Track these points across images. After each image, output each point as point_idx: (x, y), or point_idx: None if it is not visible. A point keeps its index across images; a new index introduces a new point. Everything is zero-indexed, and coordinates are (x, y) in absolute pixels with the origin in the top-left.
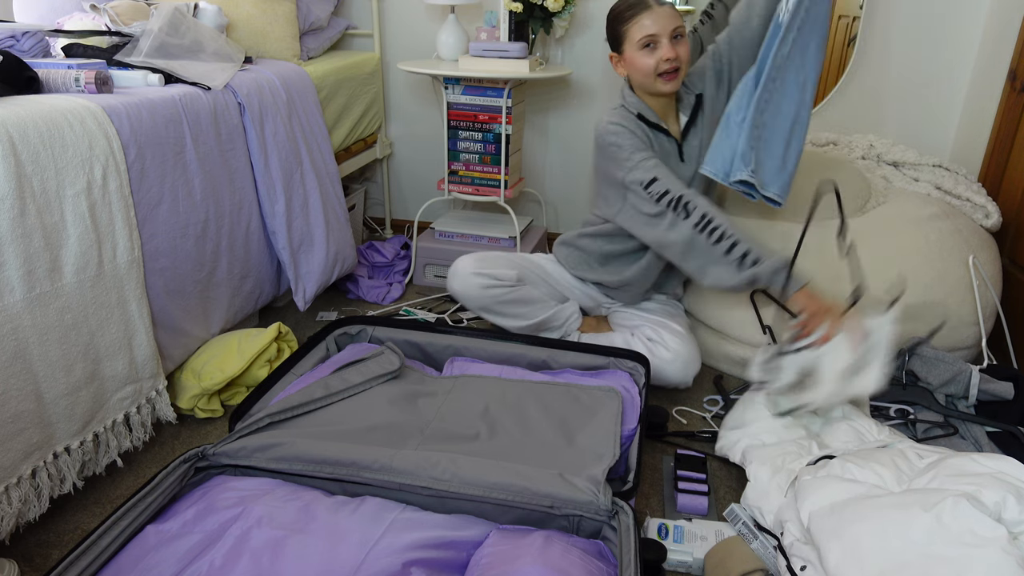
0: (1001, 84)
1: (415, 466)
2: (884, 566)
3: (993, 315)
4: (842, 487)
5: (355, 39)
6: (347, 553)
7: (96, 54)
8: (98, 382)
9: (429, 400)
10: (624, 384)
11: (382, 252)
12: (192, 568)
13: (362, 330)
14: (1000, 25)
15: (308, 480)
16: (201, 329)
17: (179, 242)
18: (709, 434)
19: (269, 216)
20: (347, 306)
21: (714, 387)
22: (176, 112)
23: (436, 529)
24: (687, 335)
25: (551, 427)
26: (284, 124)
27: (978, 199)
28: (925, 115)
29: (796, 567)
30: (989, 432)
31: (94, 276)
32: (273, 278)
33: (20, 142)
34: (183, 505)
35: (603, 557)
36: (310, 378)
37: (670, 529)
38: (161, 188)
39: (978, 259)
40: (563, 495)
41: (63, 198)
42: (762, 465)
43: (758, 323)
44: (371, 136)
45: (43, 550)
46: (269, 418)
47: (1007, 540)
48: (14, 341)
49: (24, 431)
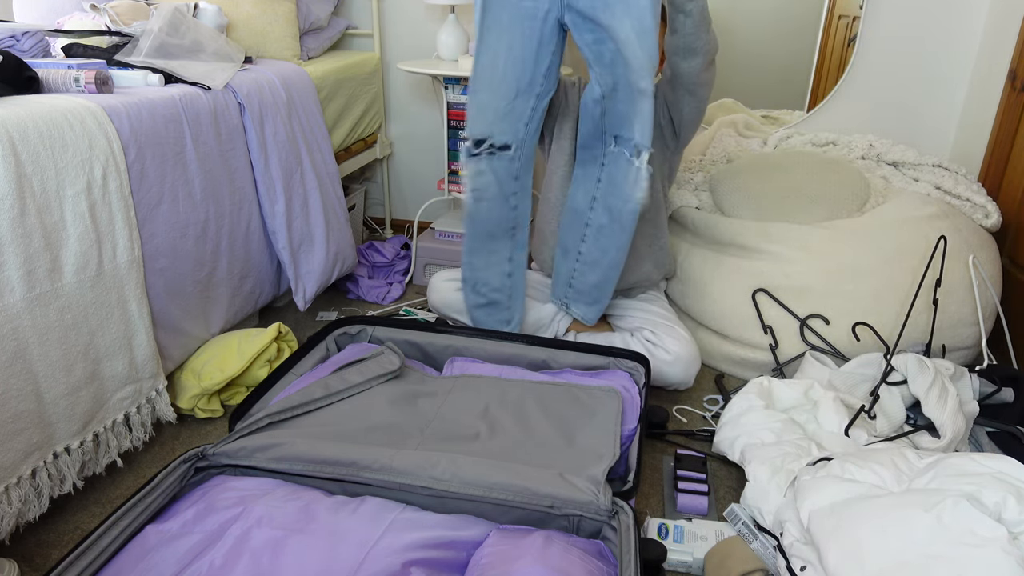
0: (1001, 84)
1: (415, 466)
2: (884, 566)
3: (993, 315)
4: (842, 487)
5: (355, 39)
6: (347, 553)
7: (96, 54)
8: (98, 382)
9: (429, 400)
10: (624, 384)
11: (382, 252)
12: (192, 568)
13: (362, 330)
14: (1000, 25)
15: (308, 480)
16: (201, 329)
17: (179, 242)
18: (709, 433)
19: (269, 216)
20: (347, 306)
21: (714, 386)
22: (176, 112)
23: (436, 529)
24: (687, 337)
25: (551, 427)
26: (284, 124)
27: (978, 199)
28: (925, 115)
29: (796, 567)
30: (989, 432)
31: (94, 276)
32: (273, 278)
33: (20, 142)
34: (183, 505)
35: (603, 557)
36: (310, 378)
37: (670, 529)
38: (161, 188)
39: (978, 259)
40: (563, 495)
41: (63, 198)
42: (761, 465)
43: (759, 323)
44: (371, 136)
45: (43, 550)
46: (269, 418)
47: (1007, 540)
48: (14, 341)
49: (24, 431)
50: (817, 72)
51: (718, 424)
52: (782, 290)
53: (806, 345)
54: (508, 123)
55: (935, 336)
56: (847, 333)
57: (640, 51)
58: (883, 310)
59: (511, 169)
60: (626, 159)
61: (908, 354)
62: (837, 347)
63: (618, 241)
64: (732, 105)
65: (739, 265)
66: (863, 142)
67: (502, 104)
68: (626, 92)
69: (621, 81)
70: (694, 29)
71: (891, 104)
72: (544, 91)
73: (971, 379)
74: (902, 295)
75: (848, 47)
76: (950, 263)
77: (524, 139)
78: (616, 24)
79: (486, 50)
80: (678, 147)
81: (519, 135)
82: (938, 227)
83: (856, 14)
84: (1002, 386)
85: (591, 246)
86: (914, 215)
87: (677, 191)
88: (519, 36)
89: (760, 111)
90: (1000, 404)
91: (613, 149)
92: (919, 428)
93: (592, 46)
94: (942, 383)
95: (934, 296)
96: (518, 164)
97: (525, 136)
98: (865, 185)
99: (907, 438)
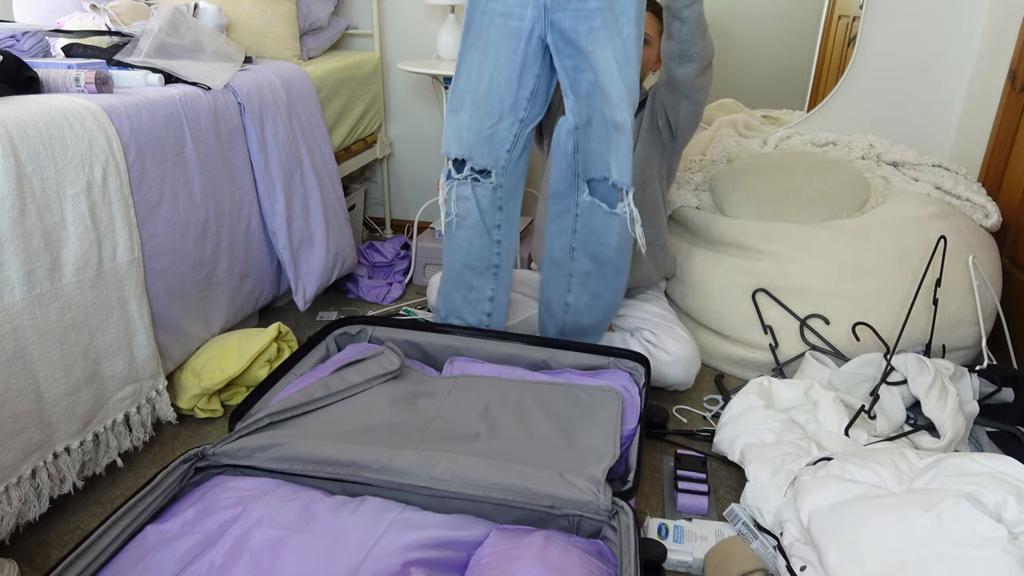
0: (1001, 84)
1: (415, 466)
2: (884, 566)
3: (993, 315)
4: (842, 487)
5: (355, 39)
6: (347, 553)
7: (96, 54)
8: (98, 382)
9: (429, 400)
10: (624, 384)
11: (382, 252)
12: (192, 568)
13: (362, 330)
14: (1000, 25)
15: (308, 480)
16: (201, 329)
17: (179, 242)
18: (709, 433)
19: (269, 216)
20: (347, 306)
21: (715, 386)
22: (176, 112)
23: (436, 529)
24: (687, 338)
25: (551, 427)
26: (284, 124)
27: (978, 199)
28: (925, 115)
29: (796, 567)
30: (989, 432)
31: (94, 276)
32: (273, 278)
33: (20, 142)
34: (183, 505)
35: (603, 557)
36: (310, 378)
37: (670, 529)
38: (161, 188)
39: (978, 259)
40: (563, 495)
41: (63, 198)
42: (761, 465)
43: (759, 323)
44: (371, 136)
45: (43, 550)
46: (269, 418)
47: (1007, 540)
48: (14, 341)
49: (24, 431)
50: (817, 72)
51: (718, 424)
52: (782, 290)
53: (806, 345)
54: (488, 147)
55: (935, 336)
56: (847, 333)
57: (620, 82)
58: (883, 310)
59: (494, 199)
60: (604, 212)
61: (908, 354)
62: (837, 347)
63: (613, 283)
64: (732, 105)
65: (739, 265)
66: (863, 142)
67: (484, 126)
68: (601, 128)
69: (597, 115)
70: (690, 36)
71: (891, 104)
72: (528, 117)
73: (971, 379)
74: (902, 295)
75: (848, 47)
76: (950, 263)
77: (506, 167)
78: (598, 51)
79: (468, 68)
80: (676, 148)
81: (500, 162)
82: (938, 227)
83: (856, 14)
84: (1002, 386)
85: (578, 295)
86: (914, 215)
87: (677, 191)
88: (504, 55)
89: (760, 111)
90: (1000, 404)
91: (586, 199)
92: (919, 428)
93: (570, 72)
94: (942, 383)
95: (934, 296)
96: (501, 194)
97: (507, 164)
98: (865, 185)
99: (907, 438)
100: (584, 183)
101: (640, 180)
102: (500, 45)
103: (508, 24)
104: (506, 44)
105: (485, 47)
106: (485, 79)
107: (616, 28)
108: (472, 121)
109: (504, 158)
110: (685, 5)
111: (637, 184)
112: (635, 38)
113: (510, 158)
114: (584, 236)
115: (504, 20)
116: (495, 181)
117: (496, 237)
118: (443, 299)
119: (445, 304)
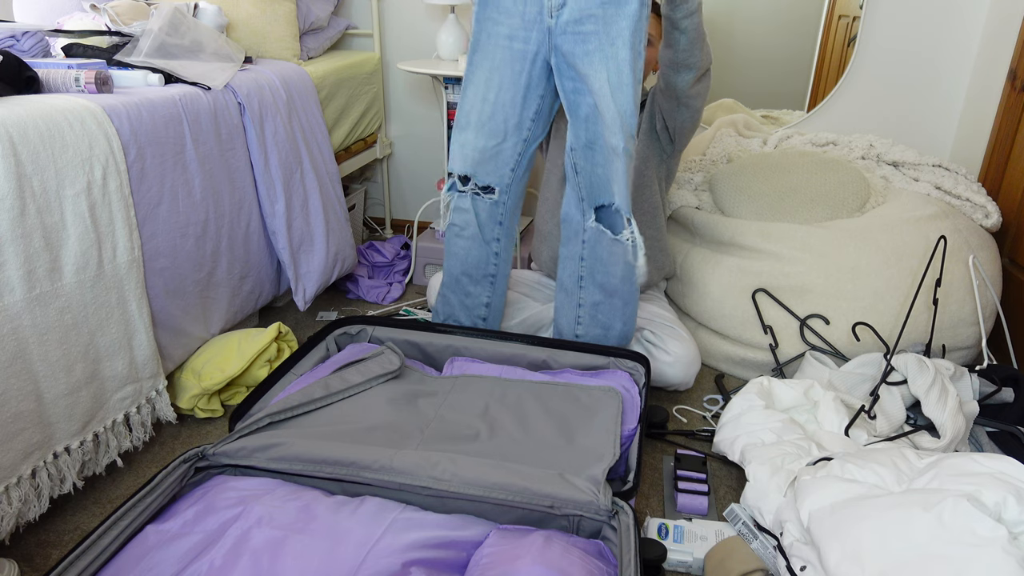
0: (1001, 84)
1: (415, 466)
2: (884, 566)
3: (993, 315)
4: (842, 487)
5: (355, 39)
6: (347, 553)
7: (96, 54)
8: (98, 382)
9: (429, 400)
10: (624, 384)
11: (382, 252)
12: (192, 568)
13: (362, 330)
14: (1000, 25)
15: (308, 480)
16: (201, 329)
17: (179, 242)
18: (709, 433)
19: (269, 216)
20: (347, 306)
21: (715, 386)
22: (176, 112)
23: (436, 529)
24: (687, 337)
25: (551, 427)
26: (284, 124)
27: (978, 199)
28: (925, 115)
29: (796, 567)
30: (989, 432)
31: (94, 276)
32: (273, 278)
33: (20, 142)
34: (183, 505)
35: (603, 557)
36: (310, 378)
37: (670, 529)
38: (161, 188)
39: (978, 259)
40: (563, 495)
41: (63, 198)
42: (761, 465)
43: (759, 323)
44: (371, 136)
45: (43, 550)
46: (269, 418)
47: (1007, 540)
48: (14, 341)
49: (24, 431)
50: (817, 72)
51: (718, 424)
52: (782, 290)
53: (806, 345)
54: (493, 165)
55: (935, 336)
56: (847, 333)
57: (613, 105)
58: (883, 310)
59: (494, 214)
60: (609, 239)
61: (908, 354)
62: (837, 347)
63: (622, 314)
64: (732, 105)
65: (739, 265)
66: (863, 142)
67: (489, 144)
68: (603, 152)
69: (599, 139)
70: (688, 46)
71: (891, 104)
72: (532, 137)
73: (971, 379)
74: (902, 295)
75: (848, 47)
76: (950, 263)
77: (510, 184)
78: (593, 74)
79: (475, 88)
80: (674, 151)
81: (504, 180)
82: (938, 227)
83: (856, 14)
84: (1002, 386)
85: (588, 328)
86: (914, 215)
87: (677, 191)
88: (509, 76)
89: (760, 111)
90: (1000, 404)
91: (592, 225)
92: (919, 428)
93: (571, 95)
94: (942, 383)
95: (934, 296)
96: (502, 210)
97: (511, 182)
98: (865, 185)
99: (907, 438)
100: (591, 209)
101: (639, 182)
102: (505, 67)
103: (513, 47)
104: (511, 66)
105: (491, 68)
106: (490, 100)
107: (611, 51)
108: (477, 140)
109: (508, 176)
110: (684, 16)
111: (636, 186)
112: (630, 62)
113: (514, 176)
114: (591, 264)
115: (509, 43)
116: (498, 198)
117: (495, 249)
118: (441, 302)
119: (443, 307)
